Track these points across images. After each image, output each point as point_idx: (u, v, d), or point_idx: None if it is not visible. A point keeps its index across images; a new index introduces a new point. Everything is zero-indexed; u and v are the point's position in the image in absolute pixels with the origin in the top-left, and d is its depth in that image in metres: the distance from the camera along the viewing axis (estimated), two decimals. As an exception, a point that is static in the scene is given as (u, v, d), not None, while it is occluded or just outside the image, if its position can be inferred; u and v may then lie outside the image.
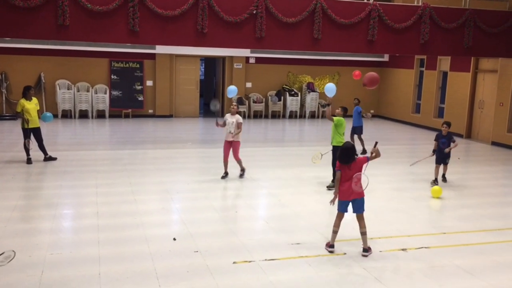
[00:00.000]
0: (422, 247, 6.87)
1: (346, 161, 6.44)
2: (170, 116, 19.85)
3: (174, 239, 6.86)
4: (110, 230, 7.14)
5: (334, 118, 9.60)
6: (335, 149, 9.39)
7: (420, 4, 14.02)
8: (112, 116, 18.88)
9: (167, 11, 11.99)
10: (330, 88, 9.11)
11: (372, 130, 18.57)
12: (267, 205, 9.04)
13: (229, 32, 12.62)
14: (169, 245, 6.64)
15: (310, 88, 21.13)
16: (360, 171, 6.38)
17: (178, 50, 18.26)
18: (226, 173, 10.32)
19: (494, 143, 15.73)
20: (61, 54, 18.04)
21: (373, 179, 6.92)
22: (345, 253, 6.57)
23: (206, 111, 21.20)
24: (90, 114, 18.52)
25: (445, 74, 18.21)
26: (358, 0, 13.69)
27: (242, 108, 20.13)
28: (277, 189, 9.83)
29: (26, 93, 11.17)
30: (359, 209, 6.54)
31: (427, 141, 16.37)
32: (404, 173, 11.39)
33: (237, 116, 10.17)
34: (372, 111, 14.58)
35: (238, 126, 10.05)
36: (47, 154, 11.38)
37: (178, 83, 19.93)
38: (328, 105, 9.57)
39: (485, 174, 11.91)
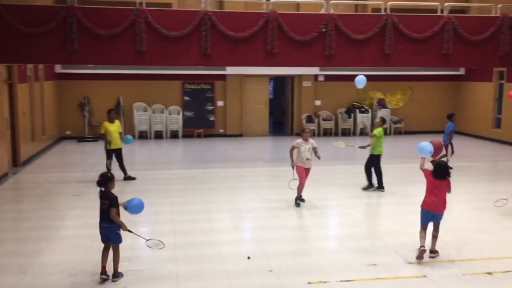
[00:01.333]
0: (509, 271, 6.44)
1: (443, 177, 6.79)
2: (240, 135, 20.17)
3: (248, 257, 6.90)
4: (186, 247, 7.32)
5: (375, 131, 10.59)
6: (375, 158, 10.68)
7: (498, 14, 13.40)
8: (185, 136, 19.49)
9: (237, 33, 12.30)
10: (360, 80, 10.92)
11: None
12: (340, 224, 8.89)
13: (298, 51, 12.72)
14: (243, 264, 6.70)
15: (381, 104, 20.71)
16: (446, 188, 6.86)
17: (247, 70, 18.61)
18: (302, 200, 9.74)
19: None
20: (137, 78, 18.96)
21: (453, 197, 6.63)
22: (425, 276, 6.30)
23: (275, 130, 21.32)
24: (164, 135, 19.24)
25: (527, 87, 17.18)
26: (431, 14, 13.35)
27: (312, 126, 20.07)
28: (350, 208, 9.65)
29: (109, 116, 11.82)
30: (438, 221, 6.91)
31: (510, 158, 15.51)
32: (484, 192, 10.80)
33: (311, 141, 9.52)
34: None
35: (316, 150, 9.50)
36: (126, 174, 11.92)
37: (248, 102, 20.25)
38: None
39: None
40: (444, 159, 12.43)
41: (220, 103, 19.94)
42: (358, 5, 18.51)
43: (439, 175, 6.80)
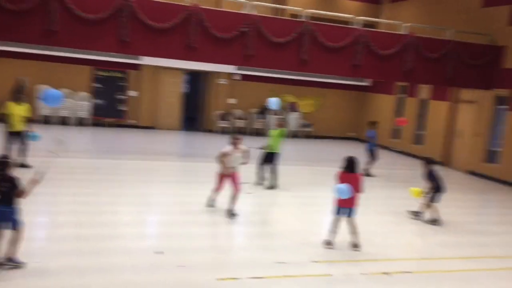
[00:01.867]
0: (405, 272, 6.95)
1: (351, 170, 7.48)
2: (152, 127, 19.73)
3: (159, 252, 6.78)
4: (90, 240, 7.02)
5: (278, 131, 11.34)
6: (273, 156, 11.12)
7: (406, 32, 14.38)
8: (93, 124, 18.66)
9: (158, 23, 12.02)
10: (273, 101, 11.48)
11: (350, 153, 18.84)
12: (250, 223, 9.02)
13: (218, 48, 12.72)
14: (151, 258, 6.57)
15: (292, 108, 21.32)
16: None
17: (163, 62, 18.21)
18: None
19: (469, 172, 16.08)
20: (43, 59, 17.81)
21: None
22: (331, 274, 6.60)
23: (187, 125, 21.10)
24: (71, 121, 18.27)
25: (424, 102, 18.63)
26: (346, 25, 14.01)
27: (225, 124, 20.18)
28: (259, 207, 9.84)
29: (15, 96, 11.00)
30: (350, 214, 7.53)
31: (405, 166, 16.73)
32: (382, 197, 11.54)
33: (242, 147, 8.94)
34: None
35: (247, 156, 9.00)
36: (24, 161, 11.13)
37: (162, 95, 19.87)
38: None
39: (463, 202, 12.15)
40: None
41: (132, 93, 19.35)
42: (278, 9, 18.88)
43: (348, 168, 7.48)
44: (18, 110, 10.99)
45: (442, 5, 17.50)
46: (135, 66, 19.04)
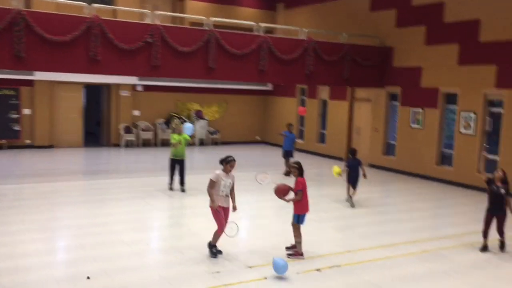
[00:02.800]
0: (334, 266, 7.29)
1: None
2: (51, 146, 18.59)
3: (88, 277, 6.45)
4: (7, 274, 6.49)
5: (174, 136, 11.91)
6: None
7: (305, 38, 15.04)
8: (-17, 147, 17.15)
9: (56, 36, 11.40)
10: (188, 127, 11.83)
11: (260, 156, 19.31)
12: (177, 235, 8.88)
13: (123, 60, 12.36)
14: (83, 285, 6.23)
15: (199, 115, 21.29)
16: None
17: (59, 76, 17.28)
18: (219, 251, 7.56)
19: (371, 165, 17.21)
20: None
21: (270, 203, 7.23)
22: (265, 278, 6.73)
23: (88, 140, 20.11)
24: (-44, 146, 16.63)
25: (325, 102, 19.61)
26: (250, 32, 14.32)
27: (130, 137, 19.62)
28: (183, 219, 9.73)
29: None
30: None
31: (309, 166, 17.45)
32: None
33: (232, 175, 7.60)
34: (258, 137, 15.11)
35: (233, 188, 7.57)
36: None
37: (59, 111, 18.81)
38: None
39: (370, 193, 12.96)
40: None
41: (26, 111, 18.09)
42: (177, 17, 18.77)
43: (301, 173, 7.70)
44: None
45: (333, 10, 18.55)
46: (28, 82, 17.83)
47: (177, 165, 11.94)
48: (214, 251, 7.42)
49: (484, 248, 8.34)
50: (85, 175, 14.51)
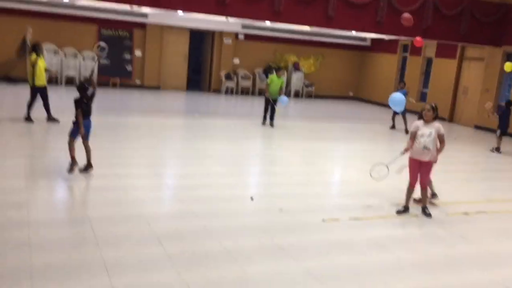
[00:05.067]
0: (480, 211, 7.39)
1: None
2: (158, 87, 19.50)
3: (252, 198, 6.96)
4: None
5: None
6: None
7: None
8: (99, 84, 18.21)
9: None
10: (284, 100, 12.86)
11: (356, 111, 19.31)
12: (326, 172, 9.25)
13: (248, 4, 12.62)
14: (249, 204, 6.75)
15: (296, 67, 21.41)
16: None
17: (169, 21, 17.93)
18: (406, 208, 6.94)
19: (477, 127, 16.75)
20: (47, 17, 17.18)
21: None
22: (416, 215, 6.96)
23: (191, 85, 20.90)
24: (77, 81, 17.83)
25: (429, 61, 19.07)
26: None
27: (230, 84, 20.14)
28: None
29: (36, 49, 10.69)
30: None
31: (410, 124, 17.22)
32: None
33: (437, 125, 6.67)
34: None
35: (441, 139, 6.66)
36: (51, 115, 10.96)
37: (167, 55, 19.57)
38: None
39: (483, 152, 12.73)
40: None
41: (138, 53, 18.98)
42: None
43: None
44: (42, 63, 10.76)
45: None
46: (140, 25, 18.62)
47: (270, 103, 13.15)
48: (427, 212, 6.88)
49: None
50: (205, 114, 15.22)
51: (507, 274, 5.31)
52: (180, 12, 15.32)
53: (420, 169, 6.78)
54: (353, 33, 18.56)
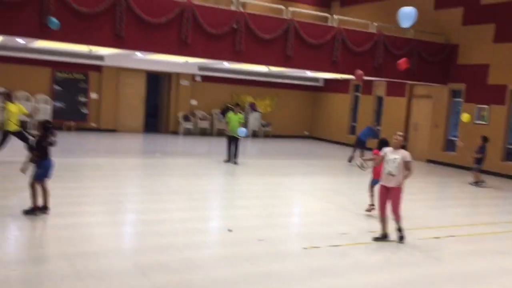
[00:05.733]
0: (449, 235, 7.65)
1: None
2: (114, 130, 19.22)
3: (230, 230, 6.90)
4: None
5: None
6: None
7: (374, 31, 15.44)
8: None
9: (153, 18, 11.96)
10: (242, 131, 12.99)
11: (313, 148, 19.73)
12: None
13: (210, 44, 12.87)
14: (228, 235, 6.69)
15: (253, 108, 21.77)
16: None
17: (125, 63, 17.96)
18: (384, 235, 7.05)
19: (429, 161, 17.49)
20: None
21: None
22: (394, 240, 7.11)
23: (147, 127, 20.73)
24: (29, 125, 17.28)
25: (380, 99, 19.94)
26: (325, 23, 14.77)
27: (188, 125, 20.16)
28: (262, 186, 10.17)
29: (8, 96, 10.85)
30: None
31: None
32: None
33: (403, 152, 6.91)
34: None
35: (407, 167, 6.85)
36: None
37: (124, 97, 19.44)
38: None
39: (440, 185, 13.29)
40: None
41: (94, 95, 18.75)
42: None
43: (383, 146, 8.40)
44: (14, 109, 10.70)
45: (390, 9, 18.75)
46: (96, 68, 18.49)
47: (232, 141, 13.40)
48: (377, 236, 7.08)
49: None
50: (167, 154, 15.08)
51: None
52: (138, 54, 15.50)
53: (388, 196, 6.93)
54: (308, 73, 19.36)
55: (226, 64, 17.37)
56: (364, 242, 6.92)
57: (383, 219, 7.05)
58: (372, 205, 8.45)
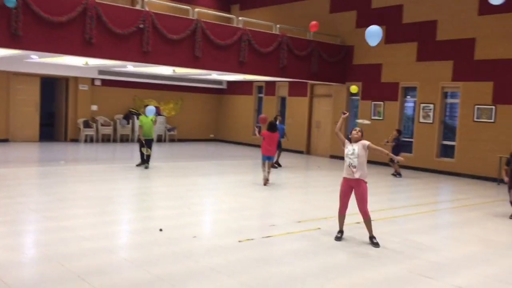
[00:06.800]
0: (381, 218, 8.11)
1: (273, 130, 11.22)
2: (6, 140, 17.72)
3: (161, 230, 6.71)
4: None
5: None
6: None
7: (278, 33, 15.94)
8: None
9: (53, 16, 11.25)
10: (150, 110, 12.96)
11: (220, 150, 19.84)
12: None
13: (116, 44, 12.41)
14: (160, 234, 6.50)
15: (156, 112, 21.26)
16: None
17: (17, 67, 16.68)
18: (341, 232, 6.90)
19: (332, 156, 18.40)
20: None
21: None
22: (320, 228, 7.37)
23: (43, 135, 19.36)
24: None
25: (283, 99, 20.60)
26: (230, 24, 14.92)
27: (90, 132, 19.22)
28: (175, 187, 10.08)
29: None
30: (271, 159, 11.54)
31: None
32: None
33: (362, 141, 6.74)
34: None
35: (374, 148, 6.77)
36: None
37: (16, 104, 18.01)
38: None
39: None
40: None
41: (-19, 103, 17.15)
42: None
43: (271, 129, 11.29)
44: None
45: (290, 12, 19.63)
46: (-17, 72, 16.95)
47: (146, 144, 13.03)
48: (337, 235, 6.88)
49: None
50: (71, 161, 14.16)
51: (426, 261, 5.91)
52: (33, 57, 14.48)
53: (355, 192, 6.70)
54: (213, 76, 19.45)
55: (130, 67, 16.91)
56: (293, 232, 7.10)
57: (342, 216, 6.89)
58: (267, 179, 10.89)
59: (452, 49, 14.95)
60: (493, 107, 14.10)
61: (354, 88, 12.76)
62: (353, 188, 6.74)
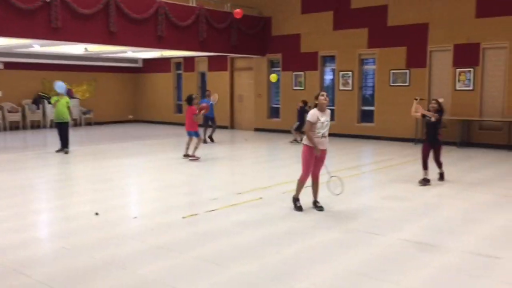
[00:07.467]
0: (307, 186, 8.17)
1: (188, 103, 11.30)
2: None
3: (97, 213, 6.28)
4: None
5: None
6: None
7: (195, 5, 15.46)
8: None
9: None
10: (59, 86, 12.26)
11: (142, 131, 19.20)
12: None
13: (20, 21, 11.35)
14: (96, 218, 6.07)
15: (69, 94, 20.00)
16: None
17: None
18: (296, 199, 6.79)
19: (256, 129, 18.43)
20: None
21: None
22: (262, 198, 7.30)
23: None
24: None
25: (203, 75, 20.21)
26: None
27: (-5, 120, 17.70)
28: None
29: None
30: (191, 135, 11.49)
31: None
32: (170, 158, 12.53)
33: (328, 111, 6.68)
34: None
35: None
36: None
37: None
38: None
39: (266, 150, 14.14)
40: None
41: None
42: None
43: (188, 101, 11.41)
44: None
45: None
46: None
47: (58, 128, 12.28)
48: (298, 205, 6.74)
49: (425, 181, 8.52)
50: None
51: (370, 219, 6.02)
52: None
53: (316, 160, 6.63)
54: (128, 54, 18.58)
55: (37, 47, 15.64)
56: (236, 203, 6.97)
57: (301, 185, 6.73)
58: (193, 155, 11.02)
59: (367, 17, 15.36)
60: (407, 71, 14.76)
61: (273, 77, 13.02)
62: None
